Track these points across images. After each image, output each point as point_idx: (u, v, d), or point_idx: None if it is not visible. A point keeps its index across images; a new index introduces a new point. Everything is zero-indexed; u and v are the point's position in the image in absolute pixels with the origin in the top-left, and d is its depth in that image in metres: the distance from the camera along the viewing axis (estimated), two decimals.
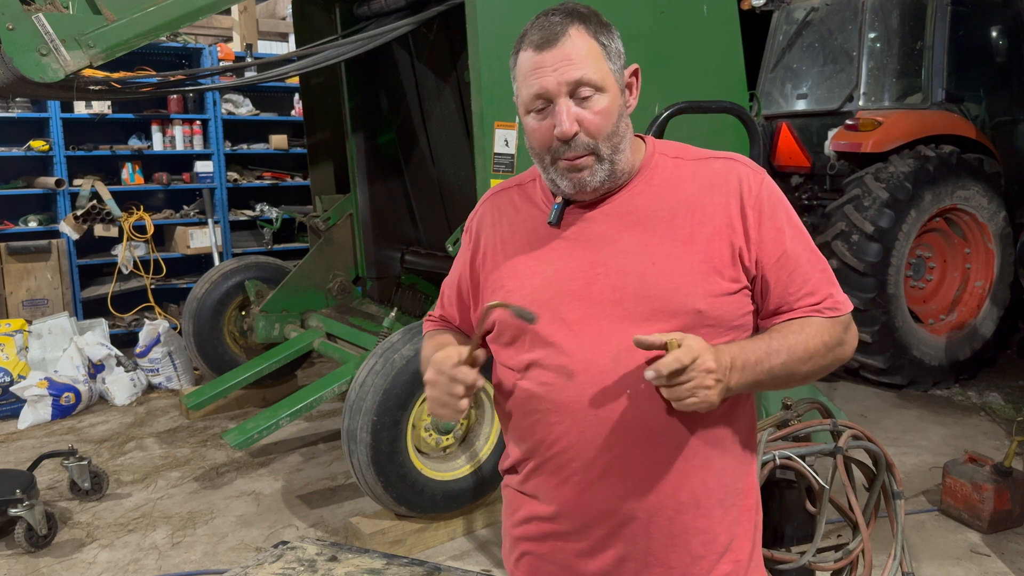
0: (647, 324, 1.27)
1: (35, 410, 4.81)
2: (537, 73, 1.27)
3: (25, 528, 3.28)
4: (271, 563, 1.80)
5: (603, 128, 1.28)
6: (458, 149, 4.39)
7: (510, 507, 1.48)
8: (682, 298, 1.28)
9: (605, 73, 1.29)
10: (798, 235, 1.34)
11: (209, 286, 4.98)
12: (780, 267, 1.31)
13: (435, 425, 3.33)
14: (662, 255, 1.30)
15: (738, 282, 1.30)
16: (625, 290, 1.30)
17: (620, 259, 1.32)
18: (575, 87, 1.26)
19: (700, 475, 1.32)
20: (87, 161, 6.13)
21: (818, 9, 5.86)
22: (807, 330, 1.30)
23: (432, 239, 4.90)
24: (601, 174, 1.31)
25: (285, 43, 7.97)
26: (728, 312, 1.30)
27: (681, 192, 1.34)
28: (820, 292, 1.32)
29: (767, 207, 1.32)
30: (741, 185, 1.33)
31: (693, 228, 1.31)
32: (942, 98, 5.34)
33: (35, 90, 3.36)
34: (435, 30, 4.20)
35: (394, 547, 3.24)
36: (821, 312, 1.32)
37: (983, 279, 5.42)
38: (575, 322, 1.31)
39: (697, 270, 1.29)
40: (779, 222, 1.33)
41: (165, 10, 3.18)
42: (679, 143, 1.44)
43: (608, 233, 1.34)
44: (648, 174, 1.37)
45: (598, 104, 1.28)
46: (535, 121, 1.31)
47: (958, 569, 3.09)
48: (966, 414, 4.79)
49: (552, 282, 1.35)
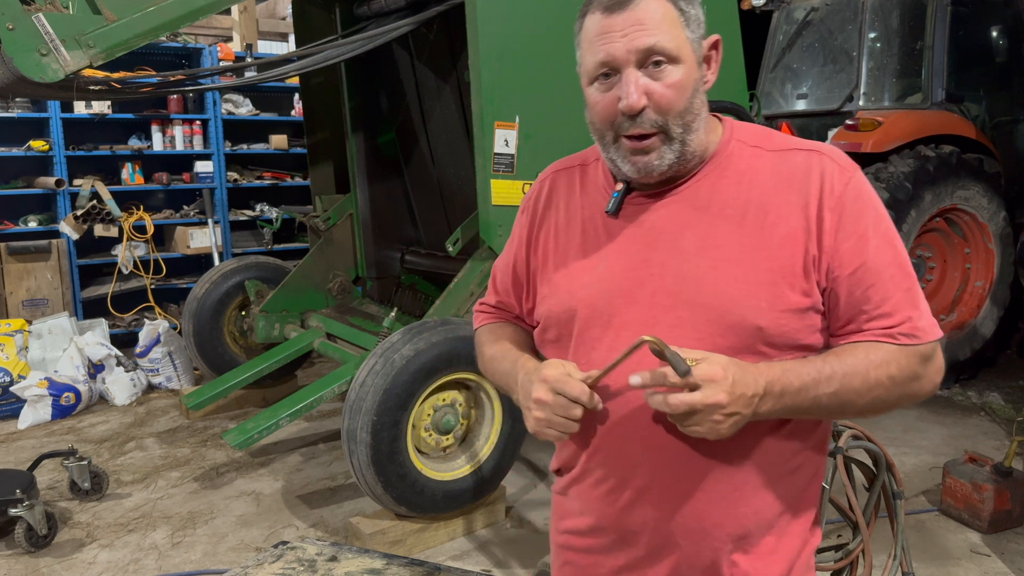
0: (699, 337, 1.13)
1: (35, 410, 4.81)
2: (604, 38, 1.13)
3: (25, 528, 3.28)
4: (271, 563, 1.80)
5: (675, 104, 1.13)
6: (458, 149, 4.39)
7: (556, 513, 1.40)
8: (741, 311, 1.12)
9: (681, 42, 1.13)
10: (884, 245, 1.15)
11: (209, 286, 4.98)
12: (855, 280, 1.13)
13: (435, 425, 3.33)
14: (725, 259, 1.15)
15: (809, 296, 1.14)
16: (680, 296, 1.16)
17: (678, 259, 1.17)
18: (646, 56, 1.12)
19: (752, 504, 1.18)
20: (87, 161, 6.13)
21: (818, 9, 5.86)
22: (871, 358, 1.12)
23: (432, 239, 4.90)
24: (670, 157, 1.16)
25: (285, 43, 7.96)
26: (793, 330, 1.13)
27: (756, 187, 1.18)
28: (898, 315, 1.14)
29: (850, 210, 1.14)
30: (823, 183, 1.15)
31: (764, 230, 1.15)
32: (942, 98, 5.34)
33: (35, 90, 3.36)
34: (435, 30, 4.20)
35: (394, 547, 3.24)
36: (894, 338, 1.13)
37: (983, 279, 5.42)
38: (622, 327, 1.19)
39: (763, 280, 1.13)
40: (862, 228, 1.14)
41: (165, 10, 3.18)
42: (763, 128, 1.28)
43: (668, 227, 1.20)
44: (722, 162, 1.21)
45: (671, 76, 1.13)
46: (598, 92, 1.17)
47: (958, 569, 3.09)
48: (966, 414, 4.79)
49: (602, 280, 1.22)
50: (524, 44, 3.50)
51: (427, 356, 3.20)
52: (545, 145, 3.60)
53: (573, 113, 3.65)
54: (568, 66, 4.24)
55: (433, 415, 3.33)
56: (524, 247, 1.39)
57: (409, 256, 4.99)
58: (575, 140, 3.87)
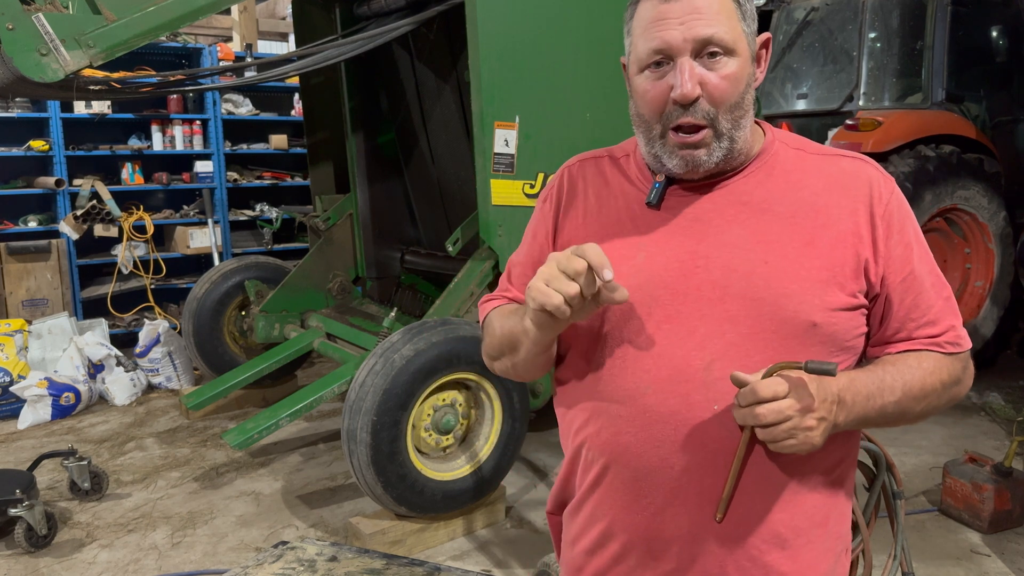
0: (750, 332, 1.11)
1: (35, 410, 4.81)
2: (660, 25, 1.10)
3: (25, 528, 3.27)
4: (271, 563, 1.80)
5: (728, 96, 1.11)
6: (458, 149, 4.39)
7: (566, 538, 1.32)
8: (795, 306, 1.10)
9: (738, 35, 1.11)
10: (924, 255, 1.18)
11: (209, 286, 4.98)
12: (906, 288, 1.15)
13: (435, 425, 3.33)
14: (777, 254, 1.13)
15: (857, 297, 1.14)
16: (728, 288, 1.12)
17: (726, 253, 1.14)
18: (703, 45, 1.09)
19: (788, 510, 1.15)
20: (87, 161, 6.13)
21: (818, 9, 5.85)
22: (924, 366, 1.14)
23: (432, 239, 4.90)
24: (719, 153, 1.13)
25: (285, 43, 7.96)
26: (842, 330, 1.13)
27: (804, 188, 1.17)
28: (942, 323, 1.17)
29: (897, 219, 1.16)
30: (872, 190, 1.16)
31: (815, 230, 1.14)
32: (942, 98, 5.34)
33: (35, 90, 3.36)
34: (435, 30, 4.20)
35: (394, 547, 3.24)
36: (940, 346, 1.16)
37: (983, 279, 5.42)
38: (664, 319, 1.15)
39: (816, 277, 1.12)
40: (908, 237, 1.17)
41: (165, 10, 3.18)
42: (797, 134, 1.28)
43: (715, 221, 1.17)
44: (769, 161, 1.20)
45: (727, 68, 1.10)
46: (648, 81, 1.13)
47: (958, 569, 3.09)
48: (966, 414, 4.79)
49: (643, 270, 1.17)
50: (524, 44, 3.50)
51: (427, 356, 3.20)
52: (545, 145, 3.60)
53: (573, 113, 3.67)
54: (568, 66, 4.25)
55: (433, 415, 3.33)
56: (549, 238, 1.32)
57: (409, 256, 4.99)
58: (575, 140, 3.91)
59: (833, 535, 1.21)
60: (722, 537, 1.14)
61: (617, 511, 1.20)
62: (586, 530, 1.26)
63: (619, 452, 1.18)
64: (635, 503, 1.18)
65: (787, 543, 1.15)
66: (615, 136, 1.37)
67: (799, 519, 1.16)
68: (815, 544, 1.18)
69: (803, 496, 1.16)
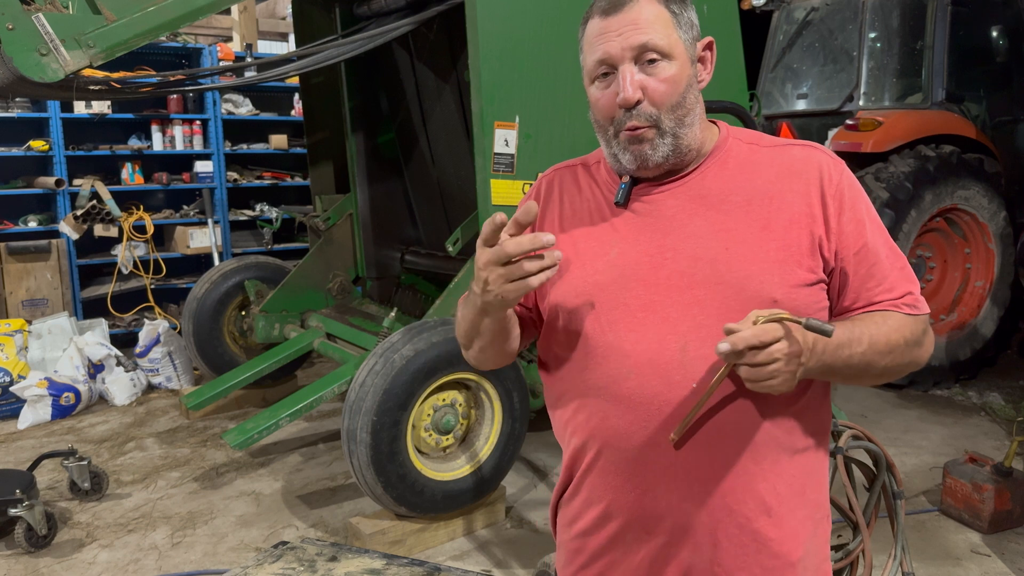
0: (718, 313, 1.19)
1: (35, 410, 4.81)
2: (602, 38, 1.22)
3: (25, 528, 3.28)
4: (271, 563, 1.80)
5: (668, 97, 1.21)
6: (458, 149, 4.39)
7: (563, 522, 1.39)
8: (757, 286, 1.19)
9: (674, 41, 1.22)
10: (877, 229, 1.27)
11: (209, 286, 4.98)
12: (860, 260, 1.24)
13: (435, 425, 3.33)
14: (736, 241, 1.22)
15: (815, 273, 1.22)
16: (695, 276, 1.22)
17: (691, 243, 1.24)
18: (640, 52, 1.20)
19: (770, 480, 1.23)
20: (87, 161, 6.13)
21: (818, 9, 5.86)
22: (889, 323, 1.23)
23: (432, 239, 4.90)
24: (664, 149, 1.23)
25: (285, 43, 7.96)
26: (803, 304, 1.20)
27: (758, 177, 1.27)
28: (899, 288, 1.25)
29: (848, 197, 1.25)
30: (822, 173, 1.25)
31: (770, 215, 1.23)
32: (942, 98, 5.34)
33: (35, 90, 3.36)
34: (435, 30, 4.20)
35: (394, 547, 3.24)
36: (899, 308, 1.25)
37: (983, 279, 5.42)
38: (639, 309, 1.23)
39: (774, 258, 1.21)
40: (859, 214, 1.25)
41: (165, 10, 3.18)
42: (753, 130, 1.38)
43: (678, 216, 1.26)
44: (722, 156, 1.30)
45: (664, 71, 1.21)
46: (599, 90, 1.25)
47: (958, 569, 3.09)
48: (966, 414, 4.79)
49: (615, 265, 1.27)
50: (524, 44, 3.50)
51: (427, 356, 3.20)
52: (545, 145, 3.60)
53: (573, 113, 3.67)
54: (568, 66, 4.26)
55: (433, 415, 3.33)
56: None
57: (409, 256, 4.99)
58: (575, 140, 3.90)
59: (811, 503, 1.29)
60: (711, 508, 1.22)
61: (613, 493, 1.27)
62: (583, 512, 1.33)
63: (609, 436, 1.25)
64: (627, 483, 1.25)
65: (772, 510, 1.23)
66: None
67: (781, 487, 1.24)
68: (796, 511, 1.26)
69: (783, 465, 1.24)
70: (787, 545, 1.24)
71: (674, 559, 1.25)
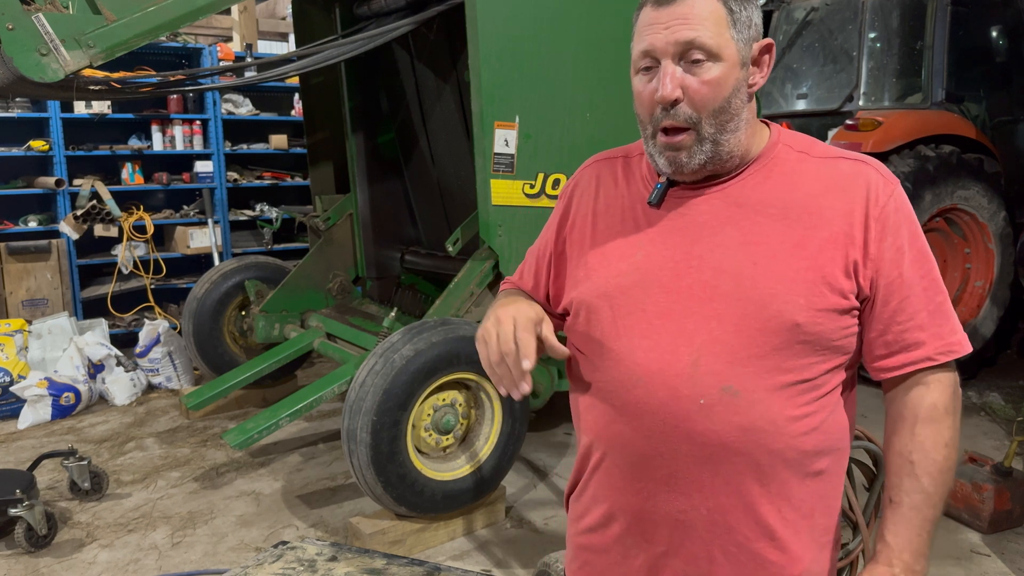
0: (735, 330, 1.15)
1: (35, 410, 4.81)
2: (649, 29, 1.16)
3: (25, 528, 3.28)
4: (271, 563, 1.80)
5: (709, 101, 1.15)
6: (458, 149, 4.39)
7: (572, 517, 1.40)
8: (780, 306, 1.14)
9: (724, 41, 1.15)
10: (919, 260, 1.19)
11: (209, 286, 4.98)
12: (891, 291, 1.17)
13: (435, 425, 3.33)
14: (766, 255, 1.16)
15: (847, 299, 1.16)
16: (717, 289, 1.17)
17: (718, 254, 1.19)
18: (684, 49, 1.14)
19: (776, 503, 1.18)
20: (87, 161, 6.13)
21: (818, 9, 5.85)
22: (927, 444, 1.18)
23: (432, 239, 4.90)
24: (700, 156, 1.18)
25: (285, 43, 7.97)
26: (829, 330, 1.15)
27: (800, 190, 1.20)
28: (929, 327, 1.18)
29: (892, 222, 1.17)
30: (869, 193, 1.18)
31: (806, 231, 1.17)
32: (942, 98, 5.34)
33: (35, 90, 3.36)
34: (435, 30, 4.20)
35: (394, 547, 3.24)
36: (934, 360, 1.18)
37: (983, 279, 5.42)
38: (656, 316, 1.20)
39: (802, 278, 1.15)
40: (901, 241, 1.17)
41: (165, 10, 3.18)
42: (808, 136, 1.29)
43: (710, 223, 1.21)
44: (768, 164, 1.23)
45: (709, 72, 1.14)
46: (641, 83, 1.20)
47: (958, 569, 3.09)
48: (966, 414, 4.76)
49: (639, 268, 1.23)
50: (524, 44, 3.50)
51: (427, 356, 3.20)
52: (545, 145, 3.60)
53: (573, 113, 3.67)
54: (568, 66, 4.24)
55: (433, 415, 3.33)
56: (555, 233, 1.40)
57: (409, 256, 4.99)
58: (575, 140, 3.91)
59: (819, 527, 1.24)
60: (710, 524, 1.19)
61: (616, 494, 1.27)
62: (589, 509, 1.33)
63: (614, 440, 1.24)
64: (630, 487, 1.24)
65: (774, 533, 1.19)
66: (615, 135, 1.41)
67: (787, 510, 1.20)
68: (802, 535, 1.21)
69: (792, 488, 1.19)
70: (787, 570, 1.21)
71: (670, 569, 1.24)
